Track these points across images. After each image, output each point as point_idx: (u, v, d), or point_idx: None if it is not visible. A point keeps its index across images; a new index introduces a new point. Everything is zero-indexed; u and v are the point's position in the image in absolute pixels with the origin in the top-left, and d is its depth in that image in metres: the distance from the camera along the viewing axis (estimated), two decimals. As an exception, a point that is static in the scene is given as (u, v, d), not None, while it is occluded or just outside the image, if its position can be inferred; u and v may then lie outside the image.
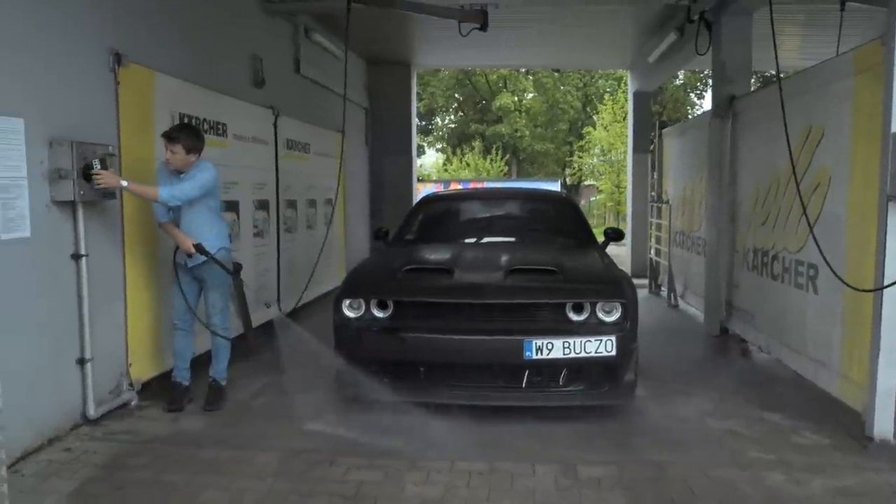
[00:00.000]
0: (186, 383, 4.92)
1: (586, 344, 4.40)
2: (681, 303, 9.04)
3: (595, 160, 27.61)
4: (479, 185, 17.92)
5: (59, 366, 4.29)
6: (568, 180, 34.29)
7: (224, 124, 6.35)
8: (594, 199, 31.13)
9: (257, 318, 6.35)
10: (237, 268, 6.56)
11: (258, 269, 7.13)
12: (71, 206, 4.29)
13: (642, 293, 10.16)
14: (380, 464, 3.92)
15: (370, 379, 4.60)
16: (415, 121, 13.23)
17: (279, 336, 6.63)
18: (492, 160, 31.13)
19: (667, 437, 4.37)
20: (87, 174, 4.21)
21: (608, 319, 4.55)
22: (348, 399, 4.79)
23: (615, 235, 6.43)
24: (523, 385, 4.53)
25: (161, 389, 5.02)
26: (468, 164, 31.32)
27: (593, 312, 4.56)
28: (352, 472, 3.84)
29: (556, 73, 31.49)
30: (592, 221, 27.13)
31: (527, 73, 32.57)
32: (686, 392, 5.24)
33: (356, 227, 11.14)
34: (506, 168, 32.85)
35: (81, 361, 4.43)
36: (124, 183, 4.41)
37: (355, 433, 4.32)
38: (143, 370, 4.99)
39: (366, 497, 3.56)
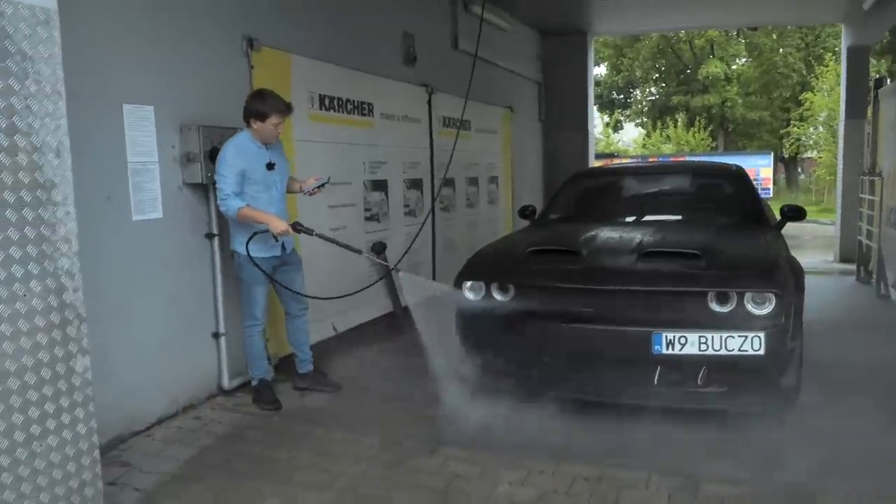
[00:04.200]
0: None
1: (727, 340, 3.80)
2: (892, 293, 7.67)
3: (812, 129, 24.60)
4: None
5: (194, 339, 4.55)
6: (785, 153, 31.07)
7: (370, 104, 6.38)
8: (814, 173, 27.80)
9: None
10: (382, 247, 6.62)
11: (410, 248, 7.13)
12: (203, 187, 4.49)
13: (848, 280, 8.89)
14: (480, 458, 3.68)
15: (488, 366, 4.37)
16: (591, 94, 12.49)
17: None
18: (695, 133, 29.10)
19: (825, 456, 3.59)
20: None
21: (758, 312, 3.86)
22: (466, 387, 4.58)
23: (794, 214, 5.49)
24: (655, 382, 4.02)
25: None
26: (668, 138, 29.58)
27: (741, 304, 3.90)
28: (449, 464, 3.65)
29: (773, 35, 28.54)
30: (810, 199, 24.35)
31: (737, 34, 29.84)
32: (869, 403, 4.33)
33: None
34: (711, 141, 30.54)
35: (216, 335, 4.67)
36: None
37: (464, 423, 4.09)
38: (277, 348, 5.14)
39: (455, 492, 3.36)
